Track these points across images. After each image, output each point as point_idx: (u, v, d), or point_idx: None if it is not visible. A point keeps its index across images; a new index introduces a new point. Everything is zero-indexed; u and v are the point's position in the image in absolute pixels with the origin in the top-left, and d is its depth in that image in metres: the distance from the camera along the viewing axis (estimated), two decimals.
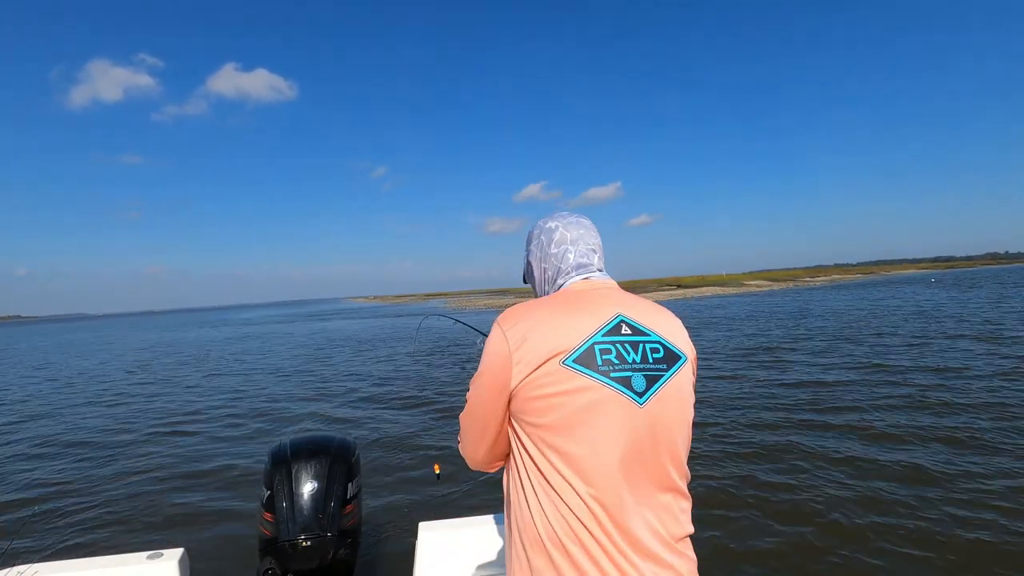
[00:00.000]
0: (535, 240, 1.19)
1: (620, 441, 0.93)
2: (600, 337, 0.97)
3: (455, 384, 9.96)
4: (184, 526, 4.30)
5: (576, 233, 1.16)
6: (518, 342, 0.97)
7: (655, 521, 0.94)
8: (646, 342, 0.99)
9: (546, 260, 1.16)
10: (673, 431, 0.97)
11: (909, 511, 3.83)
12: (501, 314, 1.05)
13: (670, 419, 0.97)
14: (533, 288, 1.23)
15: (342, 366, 13.73)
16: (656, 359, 0.99)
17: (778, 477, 4.58)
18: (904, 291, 32.44)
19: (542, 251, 1.17)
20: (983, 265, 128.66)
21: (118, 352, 23.20)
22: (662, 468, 0.96)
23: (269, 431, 7.26)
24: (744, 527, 3.79)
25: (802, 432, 5.76)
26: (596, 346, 0.96)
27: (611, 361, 0.95)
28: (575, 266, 1.13)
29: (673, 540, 0.95)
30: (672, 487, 0.97)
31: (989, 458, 4.69)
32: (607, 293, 1.06)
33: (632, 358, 0.97)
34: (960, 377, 7.91)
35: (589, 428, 0.93)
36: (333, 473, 2.36)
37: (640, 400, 0.95)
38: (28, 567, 2.10)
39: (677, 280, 65.16)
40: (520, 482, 0.99)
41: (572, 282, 1.11)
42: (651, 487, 0.95)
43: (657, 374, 0.98)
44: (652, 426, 0.95)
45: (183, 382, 12.50)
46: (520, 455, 0.99)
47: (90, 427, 8.21)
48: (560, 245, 1.15)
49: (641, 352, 0.98)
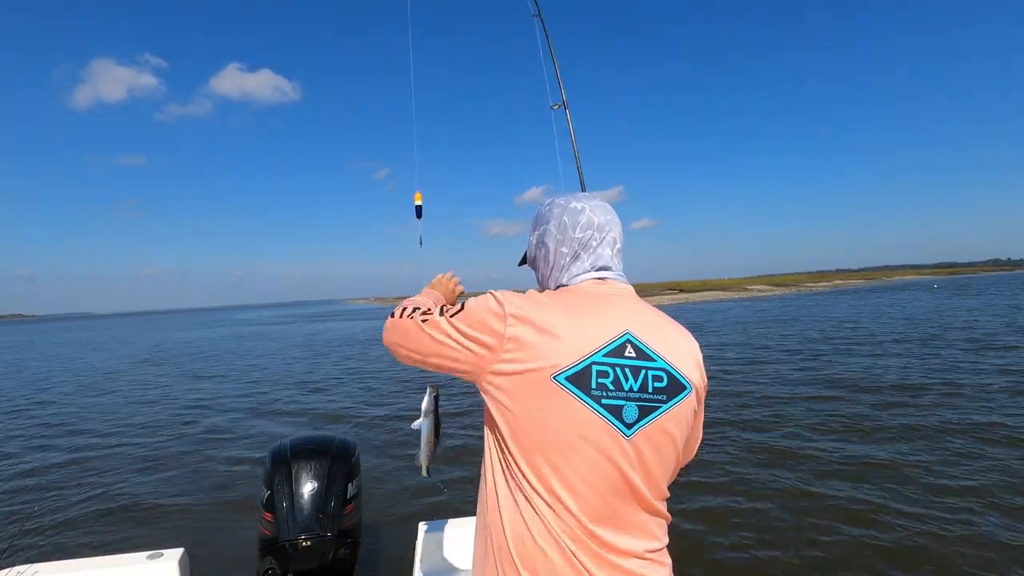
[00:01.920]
0: (555, 220, 1.07)
1: (599, 469, 0.90)
2: (600, 357, 0.91)
3: (455, 383, 9.95)
4: (184, 526, 4.30)
5: (604, 219, 1.06)
6: (515, 332, 0.92)
7: (631, 540, 0.93)
8: (650, 368, 0.94)
9: (566, 244, 1.05)
10: (657, 463, 0.94)
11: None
12: (501, 292, 0.98)
13: (656, 451, 0.94)
14: (536, 273, 1.15)
15: (341, 364, 13.74)
16: (657, 388, 0.94)
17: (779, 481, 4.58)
18: (911, 297, 32.34)
19: (563, 233, 1.05)
20: (985, 271, 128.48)
21: (127, 351, 23.23)
22: (641, 497, 0.94)
23: (269, 430, 7.26)
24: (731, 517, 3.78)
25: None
26: (594, 367, 0.90)
27: (606, 386, 0.91)
28: (594, 260, 1.04)
29: (648, 553, 0.94)
30: (650, 509, 0.96)
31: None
32: (619, 301, 0.99)
33: (629, 385, 0.92)
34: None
35: (570, 451, 0.90)
36: (333, 473, 2.36)
37: (628, 432, 0.91)
38: (28, 567, 2.10)
39: (679, 284, 65.13)
40: (495, 489, 0.97)
41: (586, 280, 1.03)
42: (629, 511, 0.93)
43: (654, 405, 0.93)
44: (636, 458, 0.92)
45: (184, 381, 12.51)
46: (498, 462, 0.98)
47: (90, 426, 8.21)
48: (586, 230, 1.04)
49: (641, 380, 0.93)
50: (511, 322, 0.92)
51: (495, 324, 0.92)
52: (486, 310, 0.95)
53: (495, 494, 0.97)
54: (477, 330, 0.94)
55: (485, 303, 0.96)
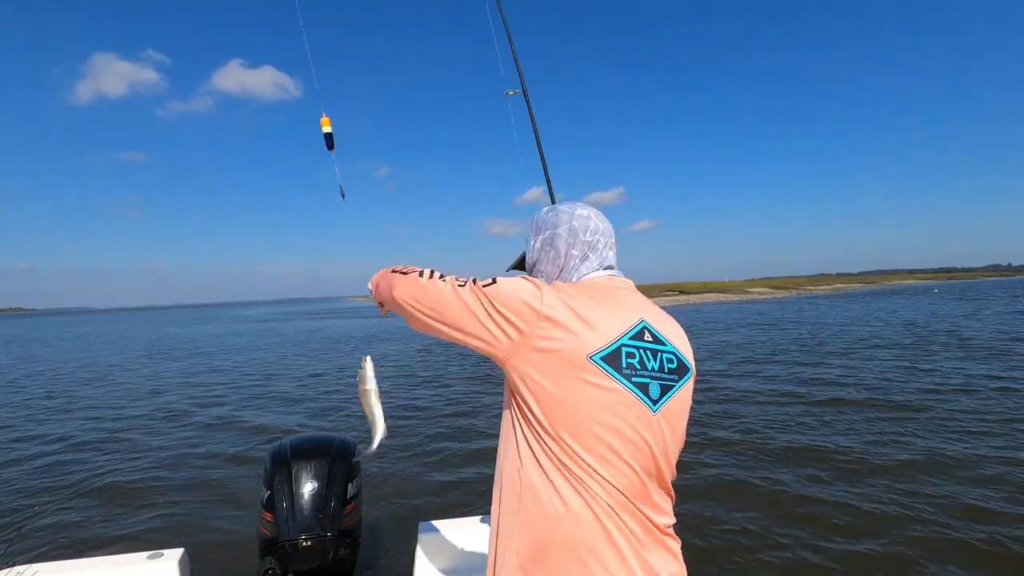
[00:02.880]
0: (564, 225, 1.14)
1: (632, 444, 0.97)
2: (626, 340, 1.00)
3: (457, 382, 9.96)
4: (184, 526, 4.29)
5: (605, 225, 1.16)
6: (551, 313, 0.96)
7: (660, 516, 1.01)
8: (663, 352, 1.04)
9: (576, 246, 1.13)
10: (673, 438, 1.04)
11: None
12: (531, 277, 1.03)
13: (674, 427, 1.04)
14: (537, 275, 1.19)
15: (341, 361, 13.73)
16: (670, 369, 1.04)
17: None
18: (908, 303, 32.34)
19: (575, 237, 1.13)
20: (984, 277, 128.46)
21: (126, 347, 23.22)
22: (660, 471, 1.02)
23: (269, 429, 7.26)
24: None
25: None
26: (623, 348, 0.99)
27: (634, 366, 0.99)
28: (601, 260, 1.13)
29: (668, 528, 1.03)
30: (666, 487, 1.05)
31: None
32: (629, 294, 1.09)
33: (652, 366, 1.01)
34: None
35: (605, 428, 0.96)
36: (333, 473, 2.37)
37: (654, 408, 1.00)
38: (28, 567, 2.10)
39: (679, 286, 65.14)
40: (525, 471, 0.99)
41: (600, 276, 1.11)
42: (653, 487, 1.01)
43: (670, 384, 1.03)
44: (660, 432, 1.01)
45: (184, 380, 12.51)
46: (527, 444, 0.99)
47: (89, 425, 8.21)
48: (594, 234, 1.13)
49: (659, 361, 1.03)
50: (548, 303, 0.97)
51: (533, 302, 0.97)
52: (523, 289, 0.99)
53: (526, 476, 0.98)
54: (513, 307, 0.97)
55: (521, 283, 1.00)
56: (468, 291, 0.99)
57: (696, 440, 5.73)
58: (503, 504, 1.03)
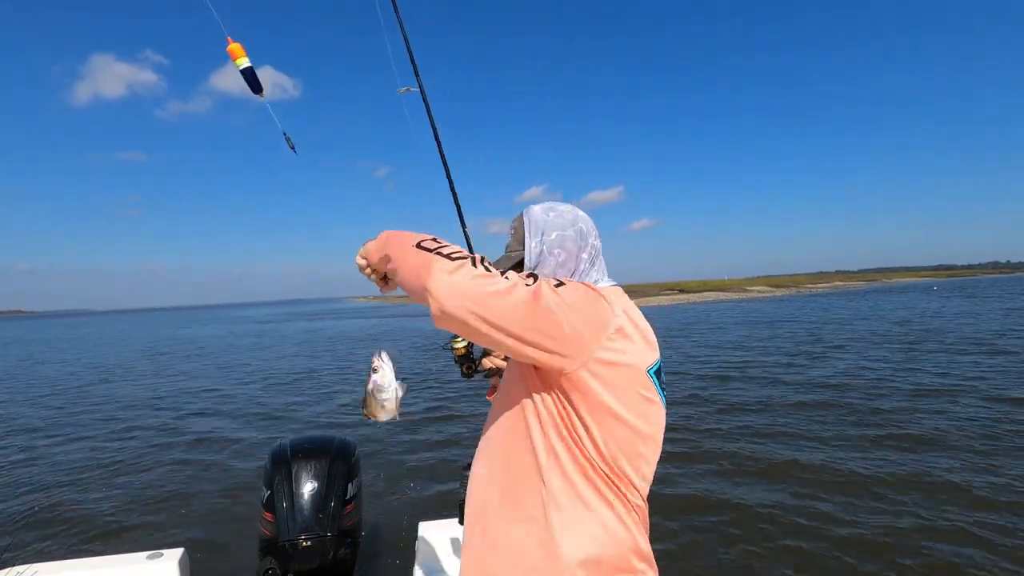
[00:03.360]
0: (571, 227, 1.04)
1: (655, 458, 0.98)
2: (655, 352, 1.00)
3: (457, 382, 9.95)
4: (184, 526, 4.29)
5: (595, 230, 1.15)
6: (621, 323, 0.91)
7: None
8: (659, 361, 1.04)
9: (586, 250, 1.05)
10: None
11: None
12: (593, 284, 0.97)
13: None
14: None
15: (340, 362, 13.73)
16: (663, 378, 1.04)
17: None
18: (908, 299, 32.35)
19: (584, 239, 1.05)
20: (984, 274, 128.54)
21: (126, 348, 23.21)
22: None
23: (269, 430, 7.25)
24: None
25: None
26: (659, 361, 0.99)
27: (661, 377, 1.00)
28: (601, 266, 1.08)
29: None
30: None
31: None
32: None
33: (662, 376, 1.01)
34: None
35: (653, 442, 0.96)
36: (333, 473, 2.37)
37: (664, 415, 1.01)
38: (28, 567, 2.10)
39: (679, 285, 65.12)
40: (554, 479, 0.91)
41: (610, 284, 1.04)
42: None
43: (664, 388, 1.03)
44: None
45: (184, 380, 12.50)
46: (568, 459, 0.91)
47: (88, 425, 8.20)
48: (598, 238, 1.08)
49: (660, 367, 1.03)
50: (617, 311, 0.92)
51: (605, 309, 0.90)
52: (593, 296, 0.90)
53: (563, 497, 0.90)
54: (588, 312, 0.87)
55: (586, 287, 0.92)
56: (548, 290, 0.83)
57: (687, 439, 5.73)
58: (523, 526, 0.93)
